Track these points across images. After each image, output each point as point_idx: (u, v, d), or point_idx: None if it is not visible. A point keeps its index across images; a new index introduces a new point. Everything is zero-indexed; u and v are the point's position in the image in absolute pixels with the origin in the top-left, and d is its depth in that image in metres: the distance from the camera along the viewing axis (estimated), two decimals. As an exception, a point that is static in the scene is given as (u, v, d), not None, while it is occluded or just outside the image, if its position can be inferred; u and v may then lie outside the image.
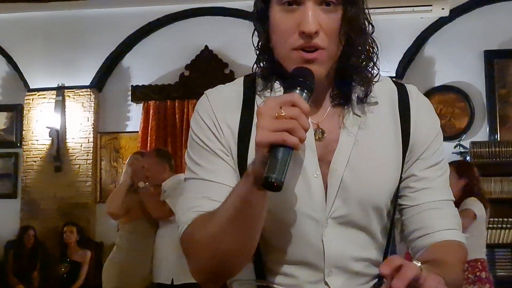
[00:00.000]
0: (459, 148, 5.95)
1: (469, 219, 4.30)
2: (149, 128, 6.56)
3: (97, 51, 6.78)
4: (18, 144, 7.00)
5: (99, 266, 5.67)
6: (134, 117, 6.78)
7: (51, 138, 6.73)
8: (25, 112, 6.91)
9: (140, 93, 6.69)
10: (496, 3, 6.19)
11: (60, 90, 6.80)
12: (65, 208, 6.66)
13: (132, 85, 6.74)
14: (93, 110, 6.78)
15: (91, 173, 6.72)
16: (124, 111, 6.85)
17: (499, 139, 6.02)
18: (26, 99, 6.92)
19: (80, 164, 6.73)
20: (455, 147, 5.95)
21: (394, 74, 6.07)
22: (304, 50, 1.26)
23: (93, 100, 6.79)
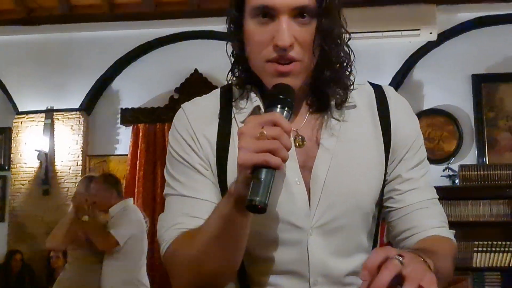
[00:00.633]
0: (448, 172, 5.96)
1: None
2: (139, 151, 6.54)
3: (86, 74, 6.78)
4: (6, 167, 6.95)
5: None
6: (124, 140, 6.76)
7: (39, 161, 6.69)
8: (13, 135, 6.87)
9: (129, 116, 6.68)
10: (483, 27, 6.25)
11: (49, 113, 6.78)
12: (53, 232, 6.58)
13: (121, 108, 6.74)
14: (82, 133, 6.75)
15: (79, 196, 6.65)
16: (113, 134, 6.83)
17: (487, 162, 6.04)
18: (15, 122, 6.89)
19: (68, 188, 6.67)
20: (444, 171, 5.97)
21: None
22: (278, 62, 1.25)
23: (82, 123, 6.76)
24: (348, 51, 1.34)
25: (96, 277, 4.57)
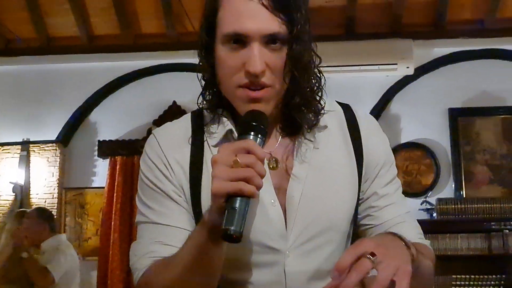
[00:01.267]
0: (426, 205, 5.98)
1: None
2: (116, 183, 6.46)
3: (64, 105, 6.72)
4: (-20, 200, 6.84)
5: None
6: (101, 172, 6.68)
7: (14, 194, 6.59)
8: (-12, 167, 6.78)
9: (107, 148, 6.61)
10: (459, 62, 6.34)
11: (25, 145, 6.69)
12: (27, 265, 6.46)
13: (99, 140, 6.67)
14: (58, 165, 6.66)
15: (55, 229, 6.55)
16: (90, 166, 6.75)
17: (464, 196, 6.06)
18: (-10, 154, 6.80)
19: (43, 220, 6.57)
20: (421, 204, 5.98)
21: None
22: (250, 88, 1.25)
23: (58, 155, 6.68)
24: (319, 76, 1.36)
25: None
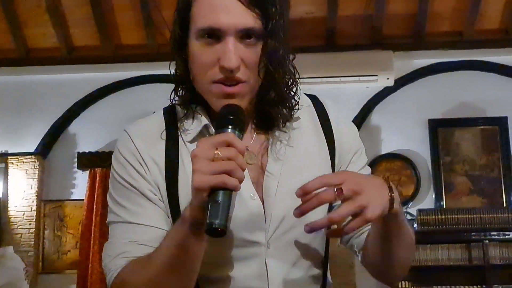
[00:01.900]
0: (406, 216, 5.97)
1: None
2: (95, 195, 6.39)
3: (43, 117, 6.66)
4: (-43, 213, 6.74)
5: None
6: (80, 184, 6.60)
7: (-8, 206, 6.52)
8: (-35, 180, 6.69)
9: (86, 160, 6.54)
10: (438, 73, 6.38)
11: (3, 157, 6.61)
12: (5, 279, 6.38)
13: (78, 152, 6.61)
14: (37, 178, 6.58)
15: (33, 242, 6.44)
16: (70, 178, 6.68)
17: (445, 207, 6.08)
18: (-33, 166, 6.71)
19: (22, 234, 6.47)
20: (402, 215, 5.98)
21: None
22: (224, 83, 1.24)
23: (37, 167, 6.60)
24: (293, 72, 1.36)
25: None
